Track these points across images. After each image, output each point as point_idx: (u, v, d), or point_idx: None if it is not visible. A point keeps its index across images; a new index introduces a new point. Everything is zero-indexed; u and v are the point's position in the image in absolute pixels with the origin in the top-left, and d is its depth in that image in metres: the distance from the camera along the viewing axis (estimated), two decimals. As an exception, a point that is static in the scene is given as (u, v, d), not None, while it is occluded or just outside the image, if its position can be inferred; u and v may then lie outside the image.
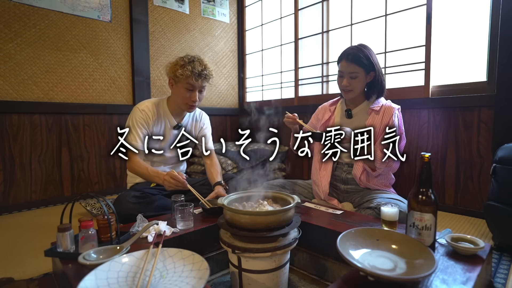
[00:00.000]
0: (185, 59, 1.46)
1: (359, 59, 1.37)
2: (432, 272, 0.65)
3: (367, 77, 1.40)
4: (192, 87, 1.46)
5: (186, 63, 1.44)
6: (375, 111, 1.41)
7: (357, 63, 1.37)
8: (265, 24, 3.22)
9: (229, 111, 3.33)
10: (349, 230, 0.83)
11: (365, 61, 1.37)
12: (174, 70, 1.45)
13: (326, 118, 1.55)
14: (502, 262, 1.22)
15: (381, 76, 1.43)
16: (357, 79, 1.39)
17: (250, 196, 1.07)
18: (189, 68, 1.42)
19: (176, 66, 1.46)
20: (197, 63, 1.45)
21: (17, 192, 2.06)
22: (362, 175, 1.40)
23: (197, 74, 1.43)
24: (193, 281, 0.68)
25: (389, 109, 1.39)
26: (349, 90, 1.42)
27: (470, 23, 1.88)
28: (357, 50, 1.39)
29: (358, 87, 1.40)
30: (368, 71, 1.39)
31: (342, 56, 1.42)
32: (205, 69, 1.46)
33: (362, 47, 1.41)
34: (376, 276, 0.67)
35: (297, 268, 1.19)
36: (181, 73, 1.42)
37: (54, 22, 2.16)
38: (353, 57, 1.37)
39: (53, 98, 2.18)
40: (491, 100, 1.71)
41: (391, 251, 0.78)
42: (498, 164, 1.32)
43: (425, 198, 0.80)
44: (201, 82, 1.46)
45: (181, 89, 1.47)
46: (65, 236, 0.86)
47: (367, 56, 1.38)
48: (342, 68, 1.42)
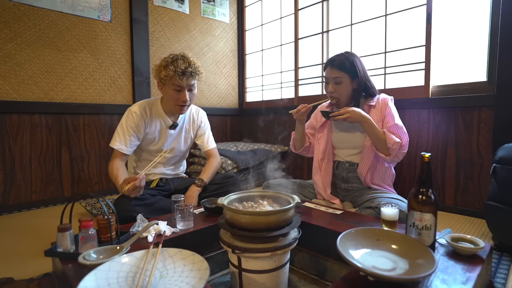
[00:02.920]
0: (167, 59, 1.40)
1: (343, 64, 1.40)
2: (432, 272, 0.65)
3: (352, 83, 1.42)
4: (179, 87, 1.40)
5: (169, 63, 1.37)
6: (372, 106, 1.44)
7: (341, 68, 1.41)
8: (265, 24, 3.22)
9: (229, 111, 3.33)
10: (349, 230, 0.83)
11: (349, 66, 1.40)
12: (158, 72, 1.40)
13: (324, 120, 1.57)
14: (502, 262, 1.22)
15: (367, 82, 1.45)
16: (342, 85, 1.42)
17: (250, 196, 1.07)
18: (171, 68, 1.35)
19: (160, 67, 1.40)
20: (180, 61, 1.37)
21: (17, 192, 2.06)
22: (367, 174, 1.42)
23: (181, 73, 1.36)
24: (193, 281, 0.68)
25: (384, 100, 1.43)
26: (334, 96, 1.45)
27: (470, 23, 1.88)
28: (342, 57, 1.43)
29: (344, 92, 1.43)
30: (354, 77, 1.41)
31: (327, 63, 1.46)
32: (189, 66, 1.38)
33: (347, 54, 1.44)
34: (376, 276, 0.67)
35: (297, 268, 1.19)
36: (165, 74, 1.36)
37: (54, 22, 2.16)
38: (338, 63, 1.41)
39: (53, 98, 2.18)
40: (491, 100, 1.71)
41: (391, 251, 0.78)
42: (498, 164, 1.32)
43: (425, 198, 0.80)
44: (187, 80, 1.39)
45: (169, 91, 1.42)
46: (65, 236, 0.86)
47: (351, 62, 1.41)
48: (327, 74, 1.45)
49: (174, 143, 1.59)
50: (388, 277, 0.66)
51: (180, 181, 1.65)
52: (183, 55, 1.42)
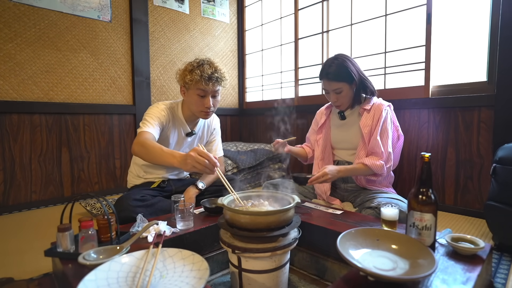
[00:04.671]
0: (193, 64, 1.37)
1: (339, 75, 1.38)
2: (432, 272, 0.65)
3: (352, 87, 1.42)
4: (204, 92, 1.37)
5: (195, 68, 1.35)
6: (367, 110, 1.43)
7: (337, 79, 1.38)
8: (265, 24, 3.22)
9: (229, 111, 3.34)
10: (349, 230, 0.83)
11: (345, 75, 1.38)
12: (183, 77, 1.37)
13: (322, 121, 1.59)
14: (502, 262, 1.22)
15: (365, 81, 1.44)
16: (343, 93, 1.41)
17: (250, 196, 1.07)
18: (197, 72, 1.33)
19: (185, 72, 1.37)
20: (206, 66, 1.35)
21: (17, 192, 2.06)
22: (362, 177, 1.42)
23: (207, 78, 1.33)
24: (193, 281, 0.68)
25: (379, 107, 1.41)
26: (338, 104, 1.45)
27: (470, 23, 1.88)
28: (336, 67, 1.38)
29: (346, 99, 1.43)
30: (351, 82, 1.40)
31: (322, 75, 1.42)
32: (216, 72, 1.36)
33: (341, 60, 1.39)
34: (377, 276, 0.67)
35: (297, 268, 1.19)
36: (190, 79, 1.33)
37: (54, 22, 2.16)
38: (333, 75, 1.38)
39: (53, 98, 2.18)
40: (491, 100, 1.71)
41: (391, 251, 0.78)
42: (498, 164, 1.32)
43: (425, 198, 0.80)
44: (213, 86, 1.36)
45: (193, 96, 1.38)
46: (65, 236, 0.86)
47: (345, 69, 1.38)
48: (325, 87, 1.44)
49: (187, 150, 1.58)
50: (388, 277, 0.66)
51: (182, 182, 1.64)
52: (209, 60, 1.40)
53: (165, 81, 2.79)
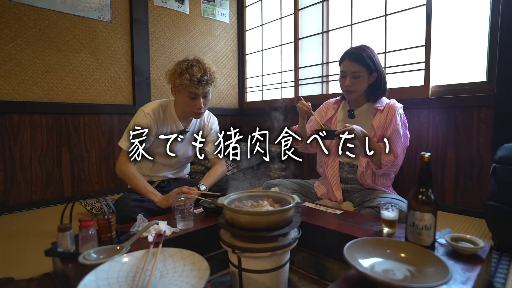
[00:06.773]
0: (182, 66, 1.35)
1: (362, 58, 1.36)
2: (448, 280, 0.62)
3: (369, 78, 1.39)
4: (194, 95, 1.36)
5: (184, 71, 1.33)
6: (380, 110, 1.40)
7: (360, 62, 1.36)
8: (265, 24, 3.22)
9: (229, 111, 3.34)
10: (356, 240, 0.79)
11: (368, 60, 1.36)
12: (173, 79, 1.36)
13: (329, 116, 1.55)
14: (502, 262, 1.22)
15: (383, 77, 1.42)
16: (359, 79, 1.37)
17: (250, 196, 1.07)
18: (187, 76, 1.31)
19: (174, 74, 1.35)
20: (196, 68, 1.33)
21: (17, 192, 2.06)
22: (366, 177, 1.40)
23: (197, 82, 1.32)
24: (193, 281, 0.68)
25: (392, 108, 1.38)
26: (351, 90, 1.40)
27: (470, 23, 1.89)
28: (360, 50, 1.38)
29: (361, 87, 1.39)
30: (371, 72, 1.38)
31: (345, 56, 1.41)
32: (205, 74, 1.35)
33: (365, 47, 1.40)
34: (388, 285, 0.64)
35: (297, 268, 1.19)
36: (180, 83, 1.32)
37: (54, 22, 2.16)
38: (356, 56, 1.36)
39: (53, 98, 2.19)
40: (491, 100, 1.71)
41: (400, 260, 0.76)
42: (498, 164, 1.32)
43: (425, 198, 0.80)
44: (203, 88, 1.36)
45: (184, 99, 1.38)
46: (65, 236, 0.86)
47: (369, 56, 1.37)
48: (344, 68, 1.41)
49: (183, 148, 1.58)
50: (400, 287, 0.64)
51: (182, 182, 1.64)
52: (198, 60, 1.38)
53: (165, 81, 2.76)
